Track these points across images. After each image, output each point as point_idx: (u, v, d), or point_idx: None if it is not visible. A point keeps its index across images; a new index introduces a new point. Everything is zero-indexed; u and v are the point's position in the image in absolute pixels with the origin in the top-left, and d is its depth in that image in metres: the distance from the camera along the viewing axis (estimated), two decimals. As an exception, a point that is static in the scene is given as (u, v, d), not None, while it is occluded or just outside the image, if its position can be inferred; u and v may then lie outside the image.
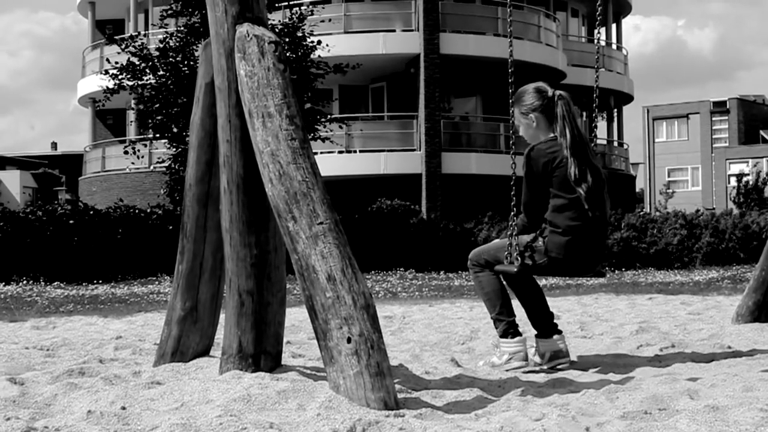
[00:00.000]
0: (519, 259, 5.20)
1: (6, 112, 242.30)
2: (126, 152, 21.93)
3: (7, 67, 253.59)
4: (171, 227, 18.59)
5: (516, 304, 5.50)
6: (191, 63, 19.89)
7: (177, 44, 20.26)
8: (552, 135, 5.23)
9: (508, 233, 5.27)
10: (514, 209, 5.29)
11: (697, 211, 24.10)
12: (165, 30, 20.61)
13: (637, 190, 52.52)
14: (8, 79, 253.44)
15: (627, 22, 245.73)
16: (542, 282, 14.98)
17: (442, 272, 19.89)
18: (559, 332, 5.47)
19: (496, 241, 5.56)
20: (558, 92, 5.32)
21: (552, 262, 5.18)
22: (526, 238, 5.25)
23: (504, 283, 5.45)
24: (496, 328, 5.43)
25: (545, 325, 5.45)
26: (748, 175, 47.42)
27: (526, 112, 5.31)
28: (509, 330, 5.37)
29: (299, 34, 20.96)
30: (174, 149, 20.75)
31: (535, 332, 5.50)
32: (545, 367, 5.39)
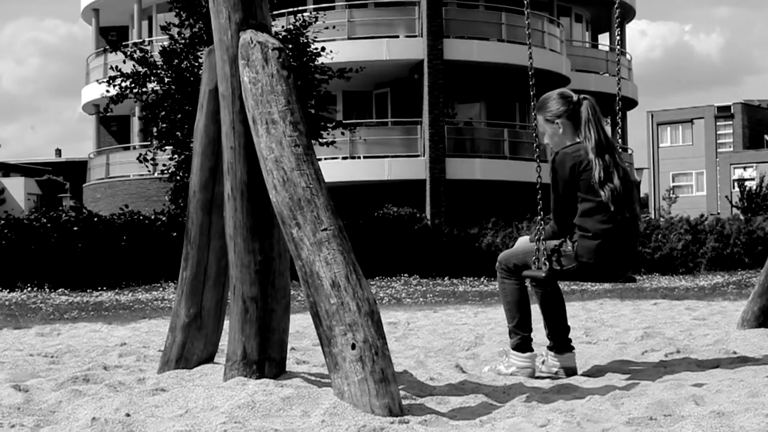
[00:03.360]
0: (547, 264, 5.16)
1: (13, 120, 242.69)
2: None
3: (13, 75, 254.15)
4: (175, 234, 18.60)
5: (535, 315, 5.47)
6: (195, 70, 19.91)
7: (181, 49, 20.27)
8: (577, 140, 5.18)
9: (535, 238, 5.21)
10: (541, 213, 5.23)
11: (702, 216, 24.08)
12: (169, 35, 20.62)
13: (642, 195, 52.51)
14: (15, 87, 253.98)
15: (633, 27, 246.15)
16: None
17: (446, 278, 19.88)
18: (572, 349, 5.44)
19: (524, 242, 5.43)
20: (582, 96, 5.26)
21: (582, 267, 5.10)
22: (553, 242, 5.18)
23: (528, 291, 5.40)
24: (510, 338, 5.39)
25: (561, 339, 5.41)
26: (752, 179, 47.37)
27: (551, 119, 5.23)
28: (522, 344, 5.33)
29: (303, 40, 20.98)
30: (178, 156, 20.76)
31: (549, 344, 5.47)
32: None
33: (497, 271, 5.43)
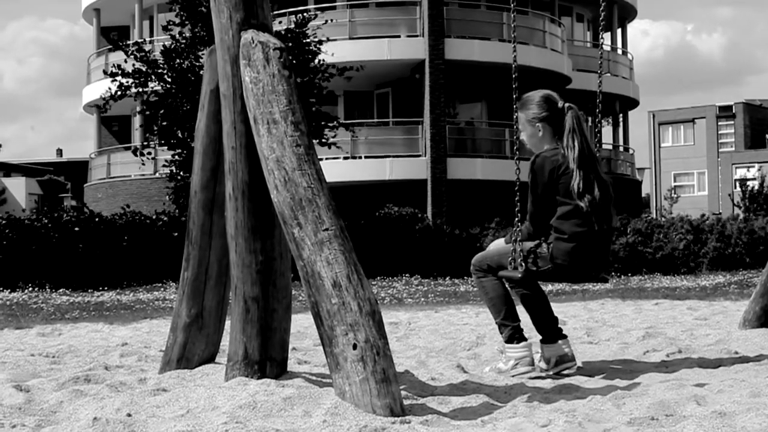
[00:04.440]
0: (523, 264, 5.17)
1: (14, 120, 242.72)
2: (134, 153, 21.97)
3: (15, 75, 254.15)
4: (176, 234, 18.59)
5: (520, 309, 5.48)
6: (196, 69, 19.91)
7: (182, 49, 20.28)
8: (555, 145, 5.19)
9: (512, 239, 5.24)
10: (519, 215, 5.25)
11: (703, 215, 24.06)
12: (171, 35, 20.63)
13: (643, 195, 52.50)
14: (17, 87, 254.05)
15: (635, 26, 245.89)
16: (548, 287, 14.97)
17: (447, 278, 19.87)
18: (564, 337, 5.45)
19: (498, 244, 5.48)
20: (568, 104, 5.25)
21: (557, 268, 5.15)
22: (529, 243, 5.22)
23: (508, 287, 5.43)
24: (501, 333, 5.41)
25: (550, 330, 5.42)
26: (753, 179, 47.36)
27: (532, 121, 5.26)
28: (515, 335, 5.35)
29: (303, 38, 20.96)
30: (179, 156, 20.77)
31: (540, 337, 5.48)
32: (551, 372, 5.37)
33: (472, 274, 5.47)
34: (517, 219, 5.23)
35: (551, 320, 5.45)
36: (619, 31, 38.91)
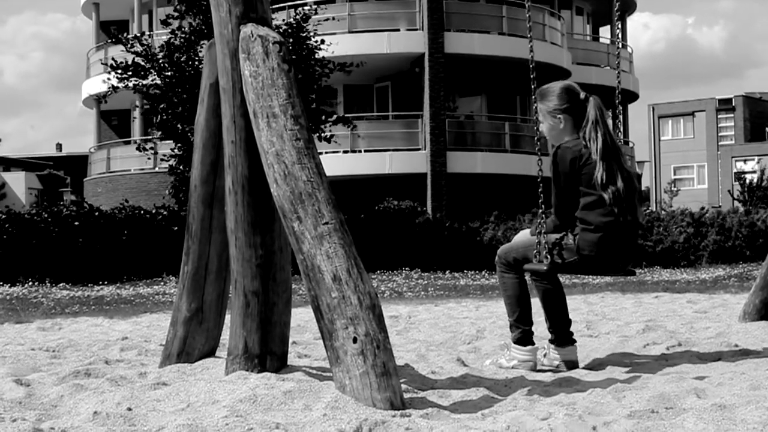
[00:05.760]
0: (548, 257, 5.12)
1: (15, 114, 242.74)
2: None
3: (16, 69, 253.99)
4: (176, 228, 18.60)
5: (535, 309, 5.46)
6: (195, 64, 19.89)
7: (181, 43, 20.26)
8: (576, 136, 5.13)
9: (537, 231, 5.18)
10: (543, 207, 5.18)
11: (703, 209, 24.06)
12: (170, 29, 20.60)
13: (643, 188, 52.51)
14: (18, 81, 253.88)
15: (635, 20, 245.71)
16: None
17: (447, 272, 19.88)
18: (573, 342, 5.43)
19: (524, 235, 5.40)
20: (590, 95, 5.18)
21: (583, 259, 5.08)
22: (554, 235, 5.15)
23: (528, 284, 5.39)
24: (511, 332, 5.39)
25: (563, 332, 5.40)
26: (753, 172, 47.34)
27: (553, 112, 5.18)
28: (523, 338, 5.33)
29: (303, 34, 20.95)
30: (178, 150, 20.77)
31: (550, 338, 5.46)
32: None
33: (497, 265, 5.43)
34: (541, 211, 5.17)
35: (566, 322, 5.42)
36: (618, 24, 38.86)
